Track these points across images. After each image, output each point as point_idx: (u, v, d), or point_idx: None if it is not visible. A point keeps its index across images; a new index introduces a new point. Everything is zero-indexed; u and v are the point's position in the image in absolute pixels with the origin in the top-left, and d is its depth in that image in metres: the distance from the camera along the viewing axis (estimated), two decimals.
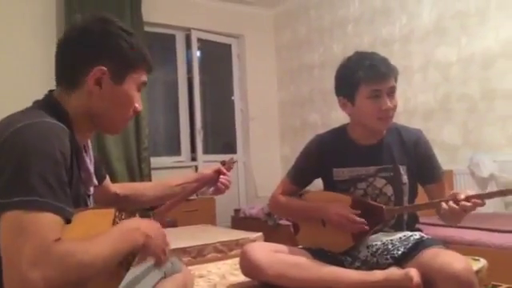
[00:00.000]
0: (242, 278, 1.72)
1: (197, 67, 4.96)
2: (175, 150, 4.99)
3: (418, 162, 1.68)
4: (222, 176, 1.55)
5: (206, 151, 5.12)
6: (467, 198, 1.42)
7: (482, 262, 1.74)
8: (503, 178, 3.32)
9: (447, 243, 1.99)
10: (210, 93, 5.58)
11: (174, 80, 5.01)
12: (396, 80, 1.65)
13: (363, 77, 1.59)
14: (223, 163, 1.60)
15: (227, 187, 1.56)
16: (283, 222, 3.82)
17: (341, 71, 1.68)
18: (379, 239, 1.65)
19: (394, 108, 1.63)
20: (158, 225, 1.14)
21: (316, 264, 1.59)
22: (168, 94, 5.13)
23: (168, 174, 4.59)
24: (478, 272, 1.65)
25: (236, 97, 5.43)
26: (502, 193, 1.47)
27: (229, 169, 1.59)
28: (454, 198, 1.44)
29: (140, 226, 1.04)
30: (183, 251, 2.71)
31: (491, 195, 1.45)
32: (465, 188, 3.57)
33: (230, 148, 5.42)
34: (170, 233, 3.17)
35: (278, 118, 5.55)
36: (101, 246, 0.93)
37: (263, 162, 5.30)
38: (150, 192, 1.49)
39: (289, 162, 1.96)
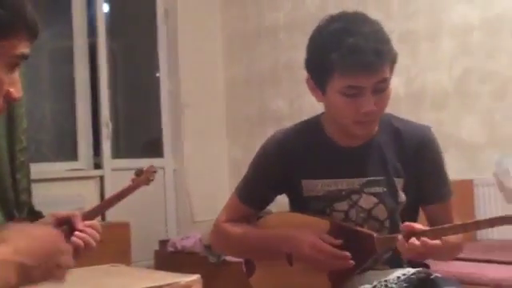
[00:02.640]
0: None
1: (103, 29, 4.89)
2: (69, 153, 4.92)
3: (419, 173, 1.72)
4: (77, 233, 1.41)
5: (116, 154, 5.04)
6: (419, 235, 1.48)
7: None
8: None
9: (464, 283, 2.06)
10: (124, 67, 5.51)
11: (67, 48, 4.91)
12: (392, 68, 1.66)
13: (338, 63, 1.56)
14: (139, 173, 1.59)
15: (89, 246, 1.40)
16: (231, 257, 3.83)
17: (313, 40, 1.68)
18: (368, 281, 1.67)
19: (382, 108, 1.64)
20: (41, 232, 1.12)
21: None
22: (58, 70, 5.03)
23: (58, 187, 4.50)
24: None
25: (162, 73, 5.40)
26: (475, 225, 1.56)
27: (147, 181, 1.58)
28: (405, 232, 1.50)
29: (6, 256, 1.03)
30: None
31: (455, 229, 1.53)
32: (490, 204, 3.73)
33: (154, 150, 5.38)
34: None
35: (226, 105, 5.55)
36: None
37: (203, 171, 5.30)
38: None
39: (240, 171, 1.97)
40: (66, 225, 1.43)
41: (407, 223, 1.53)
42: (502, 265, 2.85)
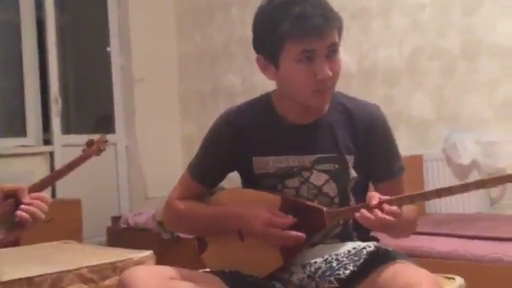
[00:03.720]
0: None
1: (51, 2, 4.81)
2: (17, 129, 4.86)
3: (370, 151, 1.74)
4: (23, 206, 1.41)
5: (66, 130, 5.01)
6: (380, 204, 1.51)
7: (457, 282, 1.86)
8: (489, 165, 3.57)
9: (413, 256, 2.11)
10: (73, 41, 5.42)
11: (13, 22, 4.81)
12: (340, 34, 1.68)
13: (289, 31, 1.58)
14: (90, 143, 1.58)
15: (36, 218, 1.41)
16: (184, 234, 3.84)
17: (259, 18, 1.68)
18: (319, 255, 1.69)
19: (336, 75, 1.67)
20: None
21: None
22: (5, 45, 4.93)
23: (7, 164, 4.43)
24: None
25: (113, 48, 5.33)
26: (436, 193, 1.56)
27: (98, 152, 1.57)
28: (367, 203, 1.52)
29: None
30: (29, 283, 2.62)
31: (415, 198, 1.55)
32: (438, 178, 3.82)
33: (106, 125, 5.34)
34: (9, 256, 3.09)
35: (178, 80, 5.51)
36: None
37: (155, 147, 5.27)
38: None
39: (193, 146, 1.96)
40: (13, 198, 1.41)
41: (371, 193, 1.55)
42: (449, 238, 2.93)
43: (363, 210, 1.52)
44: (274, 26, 1.60)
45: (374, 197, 1.52)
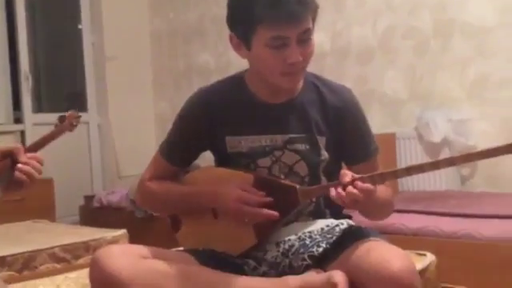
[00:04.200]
0: None
1: None
2: None
3: (342, 134, 1.75)
4: (20, 165, 1.44)
5: (38, 109, 4.97)
6: (352, 182, 1.52)
7: (428, 258, 1.90)
8: (460, 143, 3.62)
9: (386, 233, 2.13)
10: (43, 19, 5.33)
11: None
12: (314, 19, 1.67)
13: (262, 16, 1.56)
14: (62, 119, 1.57)
15: (32, 177, 1.45)
16: None
17: None
18: (293, 232, 1.70)
19: (307, 59, 1.66)
20: None
21: (204, 273, 1.61)
22: None
23: None
24: (423, 271, 1.80)
25: (85, 25, 5.27)
26: (407, 171, 1.58)
27: (70, 127, 1.57)
28: (342, 180, 1.53)
29: None
30: (1, 262, 2.62)
31: (386, 176, 1.56)
32: (411, 156, 3.87)
33: (78, 103, 5.28)
34: None
35: (151, 58, 5.48)
36: None
37: (128, 125, 5.24)
38: None
39: (167, 125, 1.95)
40: (9, 158, 1.44)
41: (344, 171, 1.55)
42: (421, 215, 2.97)
43: (338, 187, 1.53)
44: (248, 8, 1.59)
45: (348, 174, 1.53)
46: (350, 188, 1.51)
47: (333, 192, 1.53)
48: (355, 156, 1.77)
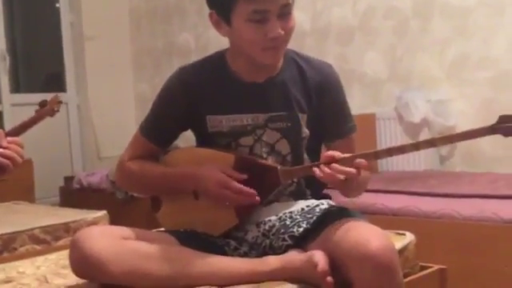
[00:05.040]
0: (73, 279, 1.69)
1: None
2: None
3: (322, 110, 1.76)
4: (1, 150, 1.47)
5: (16, 89, 4.94)
6: (335, 162, 1.53)
7: (408, 238, 1.91)
8: (439, 123, 3.64)
9: (366, 213, 2.15)
10: None
11: None
12: None
13: None
14: (43, 104, 1.56)
15: (15, 161, 1.48)
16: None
17: None
18: (273, 213, 1.71)
19: (289, 33, 1.66)
20: None
21: (185, 253, 1.62)
22: None
23: None
24: (402, 251, 1.81)
25: (63, 4, 5.21)
26: (387, 152, 1.61)
27: (52, 112, 1.56)
28: (325, 160, 1.55)
29: None
30: None
31: (367, 156, 1.56)
32: (390, 136, 3.89)
33: (57, 84, 5.25)
34: None
35: (130, 37, 5.43)
36: None
37: (108, 106, 5.21)
38: None
39: (147, 105, 1.94)
40: None
41: (329, 152, 1.56)
42: (401, 195, 2.99)
43: (323, 166, 1.53)
44: None
45: (333, 154, 1.54)
46: (335, 166, 1.52)
47: (319, 171, 1.54)
48: (331, 132, 1.78)
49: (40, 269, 1.98)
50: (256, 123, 1.72)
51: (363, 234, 1.50)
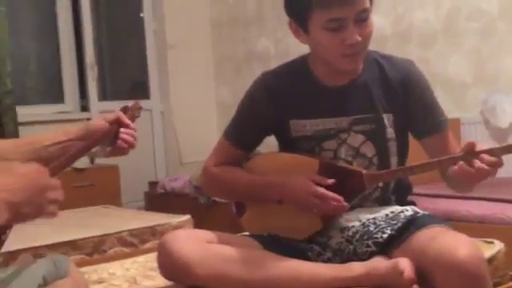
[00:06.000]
0: (161, 281, 1.73)
1: None
2: (56, 96, 4.89)
3: (408, 107, 1.73)
4: (122, 129, 1.57)
5: (103, 97, 5.05)
6: (477, 154, 1.48)
7: (497, 246, 1.85)
8: None
9: (451, 220, 2.10)
10: (107, 8, 5.42)
11: None
12: None
13: (315, 0, 1.58)
14: (124, 110, 1.61)
15: (132, 145, 1.58)
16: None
17: None
18: (357, 219, 1.70)
19: (367, 39, 1.64)
20: (26, 169, 1.14)
21: (269, 258, 1.63)
22: (40, 12, 4.93)
23: (45, 130, 4.47)
24: (491, 259, 1.76)
25: (146, 14, 5.32)
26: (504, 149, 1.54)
27: (133, 118, 1.60)
28: (466, 152, 1.50)
29: None
30: (72, 246, 2.69)
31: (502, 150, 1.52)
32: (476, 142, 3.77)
33: (141, 91, 5.36)
34: (51, 220, 3.16)
35: (212, 45, 5.50)
36: None
37: (190, 112, 5.29)
38: (11, 155, 1.47)
39: (228, 111, 1.97)
40: (116, 125, 1.58)
41: (470, 142, 1.52)
42: (487, 201, 2.90)
43: (462, 163, 1.50)
44: None
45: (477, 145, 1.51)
46: (477, 162, 1.48)
47: (457, 167, 1.50)
48: (424, 128, 1.75)
49: (129, 271, 2.03)
50: (339, 127, 1.72)
51: (450, 242, 1.47)
